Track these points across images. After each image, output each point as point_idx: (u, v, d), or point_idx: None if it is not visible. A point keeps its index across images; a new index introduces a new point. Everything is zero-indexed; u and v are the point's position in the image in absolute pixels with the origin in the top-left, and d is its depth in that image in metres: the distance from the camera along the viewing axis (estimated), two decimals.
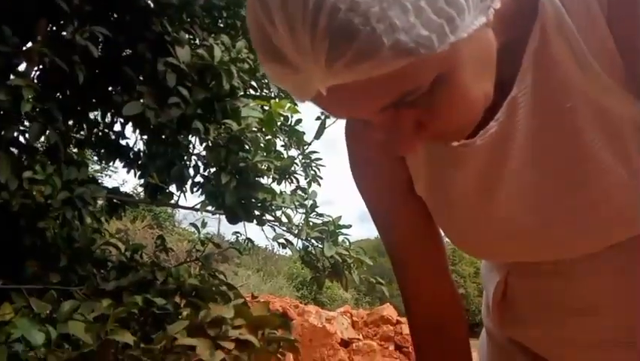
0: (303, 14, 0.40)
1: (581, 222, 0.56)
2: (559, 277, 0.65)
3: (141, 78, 2.40)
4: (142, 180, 2.75)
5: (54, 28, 2.56)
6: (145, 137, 2.65)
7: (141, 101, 2.12)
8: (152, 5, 2.58)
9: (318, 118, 2.37)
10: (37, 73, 2.32)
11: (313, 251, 2.36)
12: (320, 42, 0.40)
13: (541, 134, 0.56)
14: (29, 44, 2.27)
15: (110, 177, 6.41)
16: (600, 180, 0.54)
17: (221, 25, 2.88)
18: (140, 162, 2.67)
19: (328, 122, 2.46)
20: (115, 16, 2.63)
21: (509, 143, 0.57)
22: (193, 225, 2.59)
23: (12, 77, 2.11)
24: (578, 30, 0.51)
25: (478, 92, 0.50)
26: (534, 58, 0.54)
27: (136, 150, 2.78)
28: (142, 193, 4.02)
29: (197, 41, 2.57)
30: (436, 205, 0.69)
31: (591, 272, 0.62)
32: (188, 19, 2.57)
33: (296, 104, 2.70)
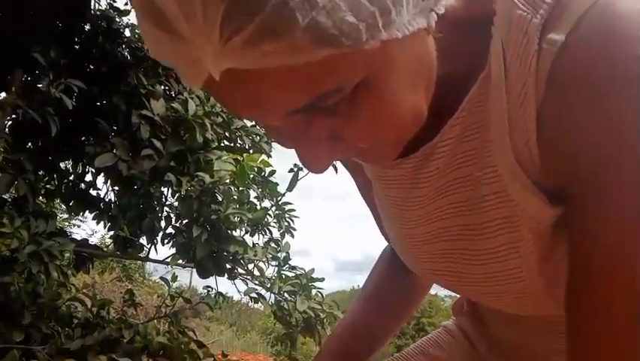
0: None
1: (478, 292, 0.58)
2: None
3: (115, 129, 2.40)
4: (110, 232, 2.70)
5: (29, 79, 2.57)
6: (116, 188, 2.62)
7: (114, 152, 2.12)
8: (128, 57, 2.62)
9: (291, 170, 2.39)
10: (10, 123, 2.30)
11: (286, 306, 2.31)
12: (213, 6, 0.31)
13: (447, 195, 0.52)
14: (2, 95, 2.26)
15: (78, 227, 6.25)
16: (490, 264, 0.52)
17: None
18: (110, 214, 2.62)
19: (301, 173, 2.48)
20: (90, 67, 2.66)
21: (414, 186, 0.55)
22: (163, 279, 2.53)
23: None
24: (508, 102, 0.44)
25: (406, 105, 0.42)
26: (468, 107, 0.48)
27: (107, 200, 2.74)
28: (111, 245, 3.92)
29: (173, 94, 2.61)
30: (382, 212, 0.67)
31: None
32: (164, 72, 2.61)
33: (269, 156, 2.73)
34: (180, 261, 2.37)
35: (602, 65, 0.39)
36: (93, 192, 2.77)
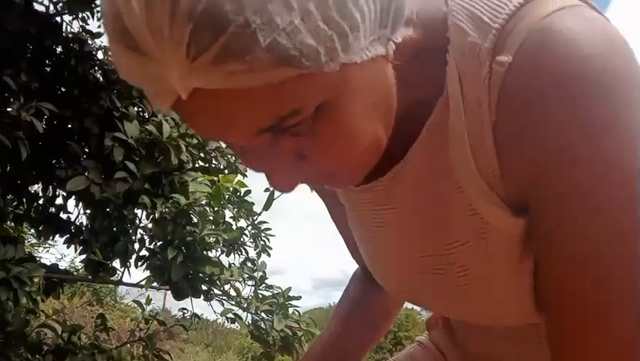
0: None
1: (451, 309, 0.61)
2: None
3: (87, 152, 2.38)
4: (82, 255, 2.65)
5: None
6: (88, 211, 2.58)
7: (86, 175, 2.10)
8: (101, 80, 2.61)
9: (267, 189, 2.41)
10: None
11: (263, 325, 2.31)
12: (180, 26, 0.32)
13: (417, 214, 0.55)
14: None
15: (47, 251, 6.09)
16: (465, 278, 0.54)
17: None
18: (82, 237, 2.58)
19: (277, 193, 2.50)
20: (62, 90, 2.64)
21: (386, 210, 0.57)
22: (136, 302, 2.50)
23: None
24: (467, 116, 0.47)
25: (367, 130, 0.44)
26: (431, 132, 0.50)
27: (78, 224, 2.69)
28: (81, 269, 3.83)
29: (146, 115, 2.60)
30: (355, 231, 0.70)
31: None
32: (138, 95, 2.61)
33: (245, 176, 2.74)
34: (155, 283, 2.35)
35: (545, 74, 0.42)
36: (63, 216, 2.72)
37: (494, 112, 0.45)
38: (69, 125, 2.54)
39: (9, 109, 2.15)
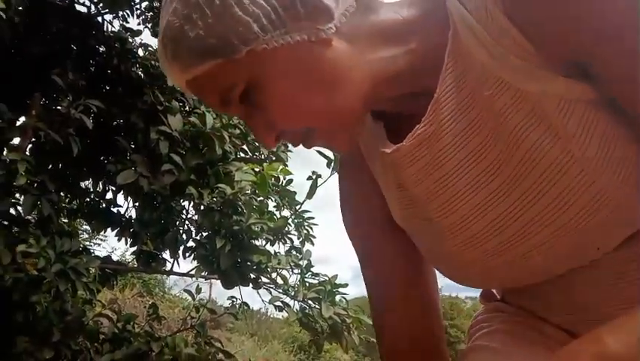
0: (162, 17, 0.55)
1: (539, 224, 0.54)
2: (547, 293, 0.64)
3: (133, 147, 2.44)
4: (132, 248, 2.73)
5: (47, 101, 2.62)
6: (137, 204, 2.65)
7: (134, 169, 2.15)
8: (142, 76, 2.67)
9: (310, 178, 2.40)
10: (31, 145, 2.35)
11: (311, 313, 2.32)
12: (167, 48, 0.54)
13: (469, 132, 0.56)
14: (22, 118, 2.31)
15: (99, 245, 6.32)
16: (537, 167, 0.52)
17: None
18: (132, 230, 2.66)
19: (320, 180, 2.49)
20: (107, 88, 2.71)
21: (438, 144, 0.58)
22: (187, 291, 2.55)
23: (6, 151, 2.14)
24: (478, 22, 0.52)
25: (303, 99, 0.55)
26: (451, 60, 0.56)
27: (128, 217, 2.77)
28: (131, 260, 3.95)
29: (189, 109, 2.64)
30: (409, 227, 0.68)
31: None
32: (180, 88, 2.65)
33: (287, 165, 2.74)
34: (204, 273, 2.40)
35: None
36: (114, 210, 2.81)
37: (500, 3, 0.50)
38: (115, 122, 2.61)
39: (58, 107, 2.23)
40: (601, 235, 0.54)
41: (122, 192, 2.62)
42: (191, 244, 2.53)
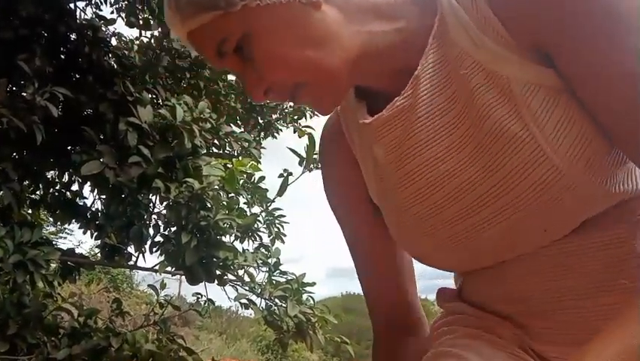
0: None
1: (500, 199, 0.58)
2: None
3: (102, 137, 2.38)
4: (98, 242, 2.67)
5: (14, 88, 2.54)
6: (103, 196, 2.59)
7: (101, 160, 2.10)
8: (114, 66, 2.61)
9: (281, 175, 2.39)
10: None
11: (276, 311, 2.30)
12: (173, 3, 0.61)
13: (444, 107, 0.61)
14: None
15: (65, 238, 6.16)
16: (499, 140, 0.56)
17: (184, 85, 2.92)
18: (97, 222, 2.60)
19: (291, 178, 2.47)
20: (77, 76, 2.64)
21: (413, 115, 0.62)
22: (151, 286, 2.51)
23: None
24: (465, 11, 0.59)
25: (292, 55, 0.59)
26: (435, 41, 0.62)
27: (93, 209, 2.71)
28: (96, 254, 3.86)
29: (160, 101, 2.60)
30: (381, 203, 0.72)
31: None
32: (151, 80, 2.60)
33: (259, 162, 2.72)
34: (169, 268, 2.35)
35: None
36: (79, 202, 2.74)
37: None
38: (84, 112, 2.55)
39: (24, 94, 2.16)
40: (549, 215, 0.57)
41: (88, 183, 2.56)
42: (158, 238, 2.48)
